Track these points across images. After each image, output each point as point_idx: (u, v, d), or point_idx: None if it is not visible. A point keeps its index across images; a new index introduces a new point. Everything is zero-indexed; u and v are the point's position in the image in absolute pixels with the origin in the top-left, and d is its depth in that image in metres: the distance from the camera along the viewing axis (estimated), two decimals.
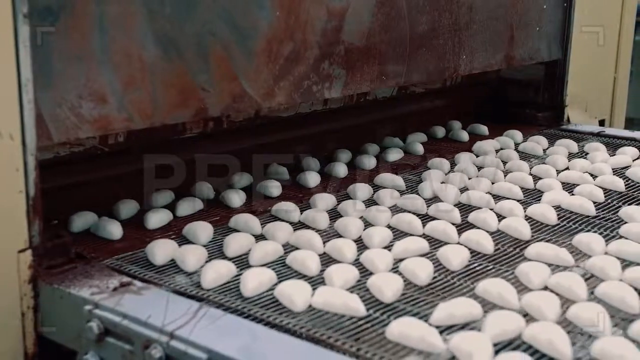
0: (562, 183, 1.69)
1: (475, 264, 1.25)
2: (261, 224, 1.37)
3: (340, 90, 1.58)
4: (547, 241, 1.34)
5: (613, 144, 2.06)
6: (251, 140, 1.74)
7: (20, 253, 1.09)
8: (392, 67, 1.69)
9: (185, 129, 1.56)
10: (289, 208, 1.45)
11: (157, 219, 1.39)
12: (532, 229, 1.40)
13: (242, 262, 1.23)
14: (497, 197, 1.58)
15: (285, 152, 1.77)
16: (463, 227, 1.41)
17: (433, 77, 1.89)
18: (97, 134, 1.26)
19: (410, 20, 1.71)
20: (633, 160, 1.88)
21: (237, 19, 1.34)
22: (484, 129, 2.23)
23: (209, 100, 1.32)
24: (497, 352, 0.94)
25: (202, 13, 1.28)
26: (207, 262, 1.21)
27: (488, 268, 1.24)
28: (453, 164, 1.84)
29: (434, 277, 1.19)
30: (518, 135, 2.13)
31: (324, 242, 1.30)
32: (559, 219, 1.47)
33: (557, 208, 1.52)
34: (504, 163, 1.86)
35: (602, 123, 2.63)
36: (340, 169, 1.74)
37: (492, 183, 1.66)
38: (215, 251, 1.28)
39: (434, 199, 1.57)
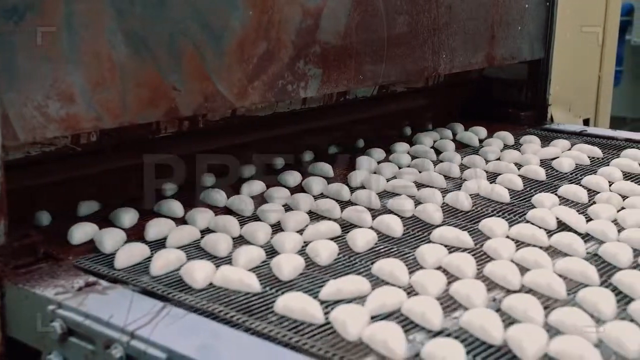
0: (488, 173, 1.76)
1: (381, 246, 1.31)
2: (186, 210, 1.43)
3: (316, 90, 1.58)
4: (456, 226, 1.40)
5: (594, 143, 2.06)
6: (230, 139, 1.74)
7: None
8: (369, 67, 1.69)
9: (159, 128, 1.55)
10: (218, 195, 1.51)
11: (86, 207, 1.43)
12: (445, 214, 1.47)
13: (161, 245, 1.28)
14: (422, 185, 1.65)
15: (265, 151, 1.77)
16: (382, 213, 1.46)
17: (412, 77, 1.89)
18: (65, 134, 1.25)
19: (387, 19, 1.71)
20: (562, 152, 1.94)
21: (209, 18, 1.34)
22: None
23: (180, 100, 1.32)
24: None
25: (172, 12, 1.28)
26: (124, 244, 1.26)
27: (392, 250, 1.30)
28: (389, 154, 1.90)
29: (337, 258, 1.25)
30: (459, 127, 2.19)
31: (241, 226, 1.36)
32: (474, 205, 1.54)
33: (476, 196, 1.59)
34: (439, 153, 1.93)
35: (587, 122, 2.64)
36: (277, 161, 1.80)
37: (420, 172, 1.74)
38: (137, 235, 1.32)
39: (362, 187, 1.64)
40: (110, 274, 1.16)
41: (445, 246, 1.29)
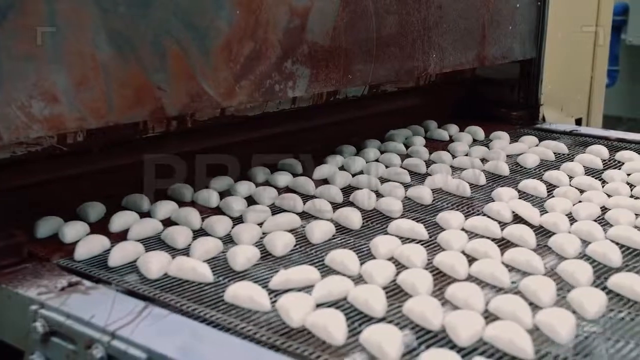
0: (454, 168, 1.79)
1: (338, 238, 1.34)
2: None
3: (304, 90, 1.58)
4: (414, 219, 1.42)
5: (585, 143, 2.06)
6: (218, 139, 1.74)
7: None
8: (358, 66, 1.69)
9: (147, 128, 1.55)
10: (184, 189, 1.53)
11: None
12: (406, 208, 1.50)
13: (124, 238, 1.30)
14: (387, 180, 1.67)
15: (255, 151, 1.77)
16: (344, 206, 1.49)
17: (401, 76, 1.89)
18: (49, 134, 1.25)
19: (377, 19, 1.71)
20: (529, 148, 1.97)
21: (195, 17, 1.33)
22: None
23: (166, 100, 1.31)
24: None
25: (157, 12, 1.28)
26: (86, 236, 1.29)
27: (348, 241, 1.32)
28: (360, 149, 1.92)
29: (294, 249, 1.28)
30: (432, 124, 2.21)
31: (204, 220, 1.38)
32: (435, 199, 1.56)
33: (438, 190, 1.62)
34: (407, 147, 1.97)
35: (579, 122, 2.63)
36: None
37: (386, 167, 1.77)
38: (103, 228, 1.34)
39: (327, 182, 1.66)
40: (93, 273, 1.16)
41: (401, 238, 1.31)
